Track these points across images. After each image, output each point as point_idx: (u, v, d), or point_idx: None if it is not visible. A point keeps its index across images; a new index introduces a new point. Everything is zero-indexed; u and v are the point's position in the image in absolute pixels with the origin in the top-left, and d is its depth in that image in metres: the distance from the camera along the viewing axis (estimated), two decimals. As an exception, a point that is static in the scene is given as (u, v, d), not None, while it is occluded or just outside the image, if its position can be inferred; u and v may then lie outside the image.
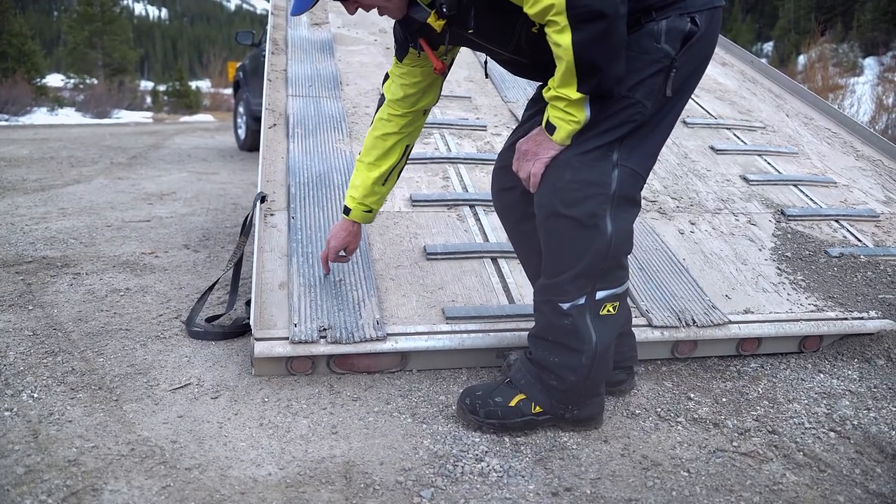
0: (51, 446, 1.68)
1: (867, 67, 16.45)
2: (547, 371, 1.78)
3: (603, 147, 1.67)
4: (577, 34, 1.52)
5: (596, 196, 1.66)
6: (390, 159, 2.11)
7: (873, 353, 2.39)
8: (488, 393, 1.83)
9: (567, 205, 1.67)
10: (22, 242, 3.56)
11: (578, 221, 1.67)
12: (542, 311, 1.79)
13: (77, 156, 7.34)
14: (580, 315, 1.72)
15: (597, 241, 1.68)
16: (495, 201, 2.11)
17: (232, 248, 3.53)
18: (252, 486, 1.56)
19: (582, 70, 1.55)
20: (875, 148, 3.81)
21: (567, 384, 1.76)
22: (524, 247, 2.08)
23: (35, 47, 24.24)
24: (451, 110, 3.64)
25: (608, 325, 1.76)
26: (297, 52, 4.05)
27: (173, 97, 28.35)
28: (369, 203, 2.14)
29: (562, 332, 1.74)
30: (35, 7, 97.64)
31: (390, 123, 2.07)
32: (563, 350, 1.75)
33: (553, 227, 1.71)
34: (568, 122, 1.64)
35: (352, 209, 2.15)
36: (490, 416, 1.80)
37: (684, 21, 1.67)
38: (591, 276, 1.71)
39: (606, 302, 1.75)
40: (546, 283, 1.77)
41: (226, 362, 2.22)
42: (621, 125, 1.67)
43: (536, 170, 1.71)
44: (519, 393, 1.81)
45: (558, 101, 1.64)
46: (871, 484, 1.66)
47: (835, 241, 2.87)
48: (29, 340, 2.32)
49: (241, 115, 8.50)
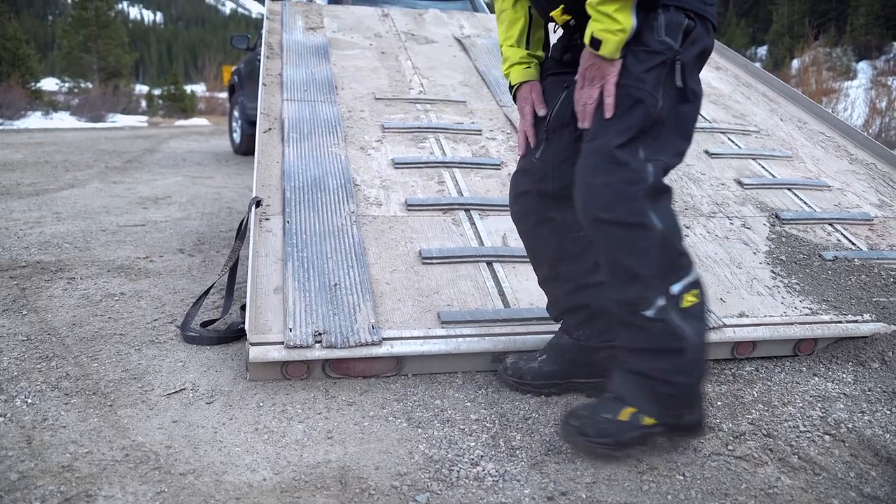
0: (45, 452, 1.67)
1: (860, 71, 16.53)
2: (652, 379, 1.68)
3: (627, 144, 1.63)
4: None
5: (634, 194, 1.61)
6: (518, 21, 2.02)
7: (868, 357, 2.39)
8: (594, 411, 1.71)
9: (605, 209, 1.62)
10: (16, 247, 3.55)
11: (620, 223, 1.62)
12: (627, 324, 1.69)
13: (72, 160, 7.33)
14: (667, 315, 1.64)
15: (650, 239, 1.62)
16: (512, 205, 2.07)
17: (227, 252, 3.53)
18: (247, 492, 1.55)
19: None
20: (869, 152, 3.82)
21: (678, 387, 1.67)
22: (538, 252, 2.06)
23: (30, 51, 24.24)
24: (446, 114, 3.64)
25: (695, 316, 1.68)
26: (292, 57, 4.05)
27: (168, 101, 28.35)
28: (520, 58, 2.03)
29: (656, 337, 1.65)
30: (30, 11, 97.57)
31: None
32: (663, 355, 1.66)
33: (599, 234, 1.66)
34: (614, 33, 1.59)
35: (510, 76, 2.04)
36: (602, 435, 1.66)
37: (681, 16, 1.68)
38: (659, 275, 1.64)
39: (684, 293, 1.66)
40: (620, 296, 1.68)
41: (221, 367, 2.21)
42: (639, 119, 1.64)
43: (608, 90, 1.65)
44: (627, 406, 1.68)
45: (605, 5, 1.58)
46: (866, 487, 1.66)
47: (829, 244, 2.87)
48: (23, 345, 2.31)
49: (237, 119, 8.50)
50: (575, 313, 2.03)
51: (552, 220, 1.97)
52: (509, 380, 2.09)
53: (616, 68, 1.64)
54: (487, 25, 5.11)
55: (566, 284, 2.01)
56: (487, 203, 2.81)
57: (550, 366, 2.06)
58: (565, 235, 1.97)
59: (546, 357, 2.07)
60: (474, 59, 4.42)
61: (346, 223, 2.57)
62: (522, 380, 2.07)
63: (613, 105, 1.65)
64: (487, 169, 3.13)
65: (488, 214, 2.79)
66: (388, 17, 5.02)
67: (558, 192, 1.92)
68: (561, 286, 2.03)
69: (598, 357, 2.03)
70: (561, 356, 2.06)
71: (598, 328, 2.01)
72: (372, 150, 3.18)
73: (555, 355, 2.07)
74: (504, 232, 2.66)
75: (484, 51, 4.56)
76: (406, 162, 3.09)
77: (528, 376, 2.06)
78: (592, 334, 2.02)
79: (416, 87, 3.93)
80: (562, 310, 2.07)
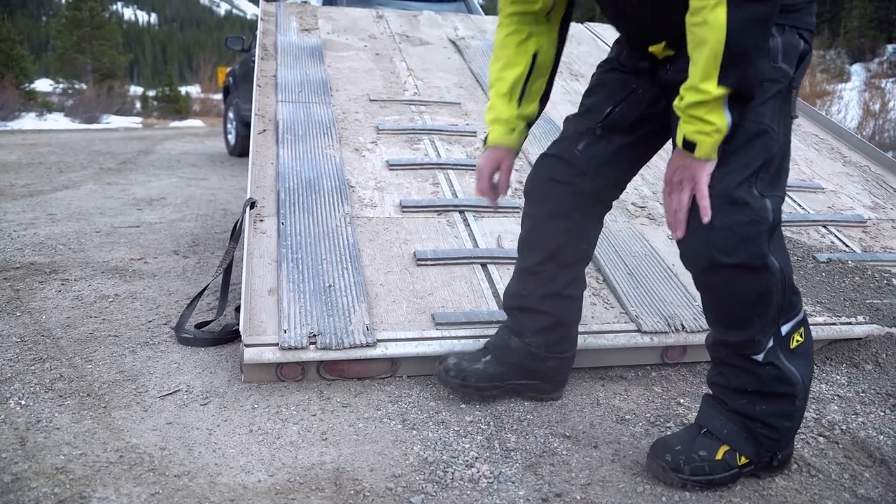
0: (38, 454, 1.67)
1: (854, 74, 16.58)
2: (755, 421, 1.61)
3: (747, 180, 1.51)
4: (735, 11, 1.35)
5: (757, 235, 1.50)
6: (518, 66, 1.88)
7: (861, 358, 2.40)
8: (689, 447, 1.63)
9: (727, 252, 1.49)
10: (10, 248, 3.54)
11: (744, 267, 1.50)
12: (730, 365, 1.62)
13: (66, 161, 7.31)
14: (777, 358, 1.58)
15: (771, 282, 1.52)
16: (538, 185, 1.93)
17: (221, 253, 3.52)
18: (242, 493, 1.55)
19: (730, 56, 1.38)
20: (862, 154, 3.83)
21: (780, 432, 1.62)
22: (537, 241, 1.95)
23: (23, 52, 24.21)
24: (440, 116, 3.64)
25: (803, 356, 1.63)
26: (286, 58, 4.05)
27: (163, 102, 28.32)
28: (507, 117, 1.91)
29: (764, 381, 1.59)
30: (23, 12, 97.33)
31: (505, 26, 1.88)
32: (770, 398, 1.60)
33: (716, 280, 1.55)
34: (708, 134, 1.45)
35: (489, 133, 1.94)
36: (696, 473, 1.60)
37: (796, 38, 1.57)
38: (775, 318, 1.57)
39: (793, 333, 1.61)
40: (726, 338, 1.60)
41: (215, 368, 2.21)
42: (758, 155, 1.52)
43: (701, 192, 1.50)
44: (723, 444, 1.62)
45: (696, 108, 1.45)
46: (860, 489, 1.66)
47: (823, 246, 2.88)
48: (17, 347, 2.31)
49: (231, 120, 8.49)
50: (537, 317, 1.97)
51: (569, 218, 1.89)
52: (451, 381, 1.99)
53: (709, 169, 1.50)
54: (482, 27, 5.12)
55: (544, 286, 1.95)
56: (482, 205, 2.81)
57: (496, 367, 2.00)
58: (571, 240, 1.91)
59: (491, 358, 2.01)
60: (469, 61, 4.42)
61: (341, 225, 2.57)
62: (466, 381, 1.98)
63: (710, 208, 1.50)
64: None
65: (483, 216, 2.79)
66: (382, 19, 5.03)
67: (592, 192, 1.87)
68: (539, 284, 1.96)
69: (545, 366, 2.00)
70: (507, 358, 2.00)
71: (553, 339, 1.98)
72: (366, 152, 3.18)
73: (500, 357, 2.01)
74: (499, 234, 2.66)
75: (478, 52, 4.56)
76: (400, 163, 3.09)
77: (473, 378, 1.98)
78: (545, 344, 1.98)
79: (411, 89, 3.94)
80: (525, 307, 1.98)
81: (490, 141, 1.95)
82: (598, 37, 5.14)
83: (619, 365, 2.32)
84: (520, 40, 1.88)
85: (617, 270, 2.50)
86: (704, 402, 1.71)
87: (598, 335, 2.20)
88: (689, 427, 1.71)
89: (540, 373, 2.01)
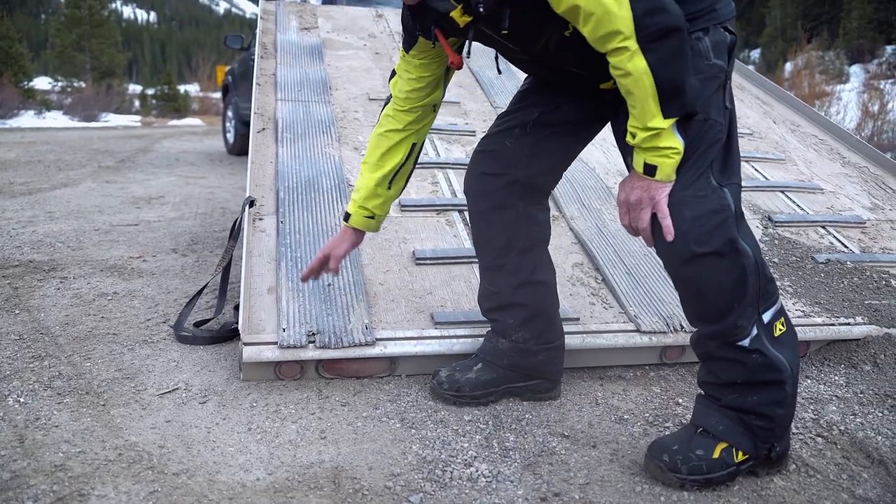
0: (37, 451, 1.67)
1: (853, 75, 16.57)
2: (747, 413, 1.62)
3: (703, 174, 1.56)
4: (652, 55, 1.43)
5: (724, 222, 1.54)
6: (394, 158, 1.98)
7: (860, 359, 2.40)
8: (686, 446, 1.64)
9: (700, 242, 1.53)
10: (9, 246, 3.54)
11: (719, 254, 1.54)
12: (718, 358, 1.63)
13: (65, 159, 7.30)
14: (762, 345, 1.59)
15: (745, 264, 1.55)
16: (472, 183, 1.99)
17: (220, 252, 3.52)
18: (240, 492, 1.55)
19: (664, 93, 1.45)
20: (861, 154, 3.84)
21: (775, 420, 1.62)
22: (488, 237, 1.97)
23: (22, 50, 24.16)
24: (439, 115, 3.62)
25: (787, 345, 1.64)
26: (286, 57, 4.05)
27: (162, 101, 28.29)
28: (371, 207, 2.00)
29: (752, 369, 1.60)
30: (22, 10, 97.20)
31: (394, 120, 1.95)
32: (760, 387, 1.61)
33: (694, 271, 1.56)
34: (668, 156, 1.51)
35: (352, 214, 2.01)
36: (694, 472, 1.61)
37: (721, 32, 1.62)
38: (754, 303, 1.58)
39: (774, 321, 1.62)
40: (711, 329, 1.61)
41: (214, 367, 2.21)
42: (710, 147, 1.57)
43: (663, 212, 1.55)
44: (720, 442, 1.63)
45: (650, 141, 1.51)
46: (858, 489, 1.67)
47: (821, 247, 2.88)
48: (15, 344, 2.30)
49: (230, 119, 8.48)
50: (515, 310, 1.98)
51: (512, 207, 1.92)
52: (445, 394, 2.00)
53: (668, 189, 1.55)
54: (482, 27, 5.11)
55: (512, 277, 1.96)
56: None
57: (488, 374, 2.00)
58: (521, 226, 1.94)
59: (482, 366, 2.02)
60: (468, 61, 4.41)
61: (340, 223, 2.56)
62: (461, 392, 1.99)
63: (672, 224, 1.55)
64: (481, 170, 3.12)
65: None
66: (381, 18, 5.02)
67: (526, 181, 1.91)
68: (506, 278, 1.97)
69: (537, 360, 2.01)
70: (498, 361, 2.01)
71: (536, 329, 1.99)
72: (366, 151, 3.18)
73: (491, 362, 2.01)
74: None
75: (477, 52, 4.55)
76: (400, 163, 3.08)
77: (467, 388, 1.99)
78: (531, 336, 1.99)
79: (411, 88, 3.92)
80: (501, 304, 1.99)
81: (351, 222, 2.02)
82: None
83: (617, 365, 2.32)
84: (402, 137, 1.98)
85: (616, 270, 2.50)
86: (698, 402, 1.71)
87: (597, 335, 2.21)
88: (686, 427, 1.72)
89: (533, 369, 2.02)
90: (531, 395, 2.05)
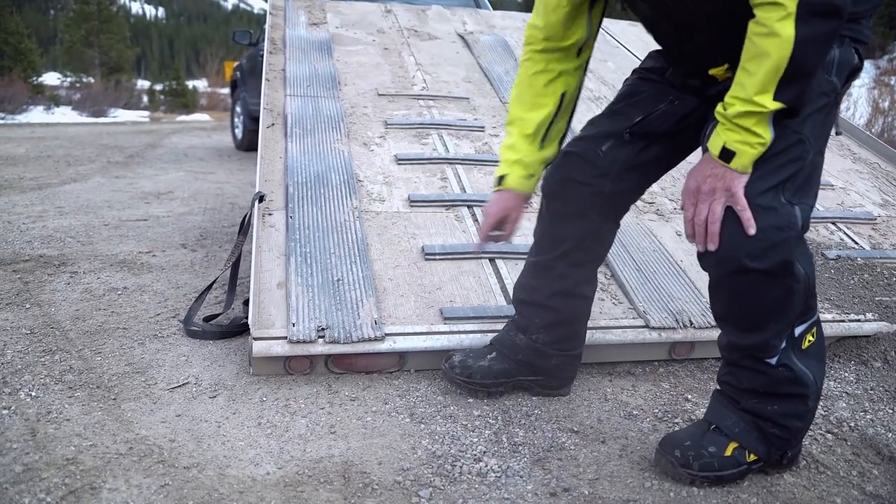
0: (49, 445, 1.68)
1: (864, 71, 16.48)
2: (766, 420, 1.60)
3: (776, 187, 1.45)
4: (806, 27, 1.28)
5: (786, 242, 1.44)
6: (544, 108, 1.81)
7: (870, 356, 2.39)
8: (698, 443, 1.62)
9: (754, 257, 1.44)
10: (19, 241, 3.56)
11: (771, 274, 1.45)
12: (742, 366, 1.60)
13: (74, 154, 7.33)
14: (789, 359, 1.56)
15: (795, 288, 1.48)
16: (556, 185, 1.87)
17: (230, 247, 3.53)
18: (250, 486, 1.56)
19: (790, 73, 1.31)
20: (872, 151, 3.82)
21: (791, 431, 1.61)
22: (553, 237, 1.91)
23: (31, 45, 24.23)
24: (449, 111, 3.64)
25: (815, 356, 1.61)
26: (295, 52, 4.05)
27: (170, 96, 28.37)
28: (529, 160, 1.84)
29: (777, 382, 1.57)
30: (31, 5, 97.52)
31: (534, 62, 1.80)
32: (783, 399, 1.58)
33: (740, 284, 1.49)
34: (752, 145, 1.39)
35: (508, 174, 1.85)
36: (705, 469, 1.59)
37: (852, 53, 1.53)
38: (791, 322, 1.55)
39: (805, 334, 1.59)
40: (739, 341, 1.57)
41: (224, 361, 2.21)
42: (791, 162, 1.45)
43: (741, 204, 1.43)
44: (732, 441, 1.61)
45: (744, 118, 1.38)
46: (868, 486, 1.66)
47: (832, 243, 2.87)
48: (27, 339, 2.32)
49: (239, 114, 8.49)
50: (544, 313, 1.95)
51: (586, 218, 1.86)
52: (457, 378, 2.00)
53: (745, 181, 1.44)
54: (490, 22, 5.11)
55: (556, 283, 1.93)
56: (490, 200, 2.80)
57: (501, 364, 2.00)
58: (587, 241, 1.89)
59: (496, 355, 2.00)
60: (477, 56, 4.42)
61: (349, 219, 2.57)
62: (471, 378, 1.98)
63: (753, 217, 1.43)
64: (490, 165, 3.12)
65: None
66: (391, 13, 5.02)
67: (611, 195, 1.83)
68: (550, 281, 1.93)
69: (550, 363, 1.99)
70: (513, 355, 2.00)
71: (559, 336, 1.97)
72: (375, 146, 3.18)
73: (506, 354, 2.00)
74: (507, 229, 2.66)
75: (487, 47, 4.55)
76: (409, 158, 3.09)
77: (478, 375, 1.98)
78: (551, 340, 1.97)
79: (419, 84, 3.93)
80: (535, 301, 1.96)
81: (507, 183, 1.87)
82: (606, 31, 5.13)
83: (626, 360, 2.32)
84: (548, 80, 1.82)
85: (625, 266, 2.50)
86: (714, 398, 1.69)
87: (606, 330, 2.20)
88: (698, 423, 1.70)
89: (545, 370, 2.01)
90: (540, 391, 2.04)
